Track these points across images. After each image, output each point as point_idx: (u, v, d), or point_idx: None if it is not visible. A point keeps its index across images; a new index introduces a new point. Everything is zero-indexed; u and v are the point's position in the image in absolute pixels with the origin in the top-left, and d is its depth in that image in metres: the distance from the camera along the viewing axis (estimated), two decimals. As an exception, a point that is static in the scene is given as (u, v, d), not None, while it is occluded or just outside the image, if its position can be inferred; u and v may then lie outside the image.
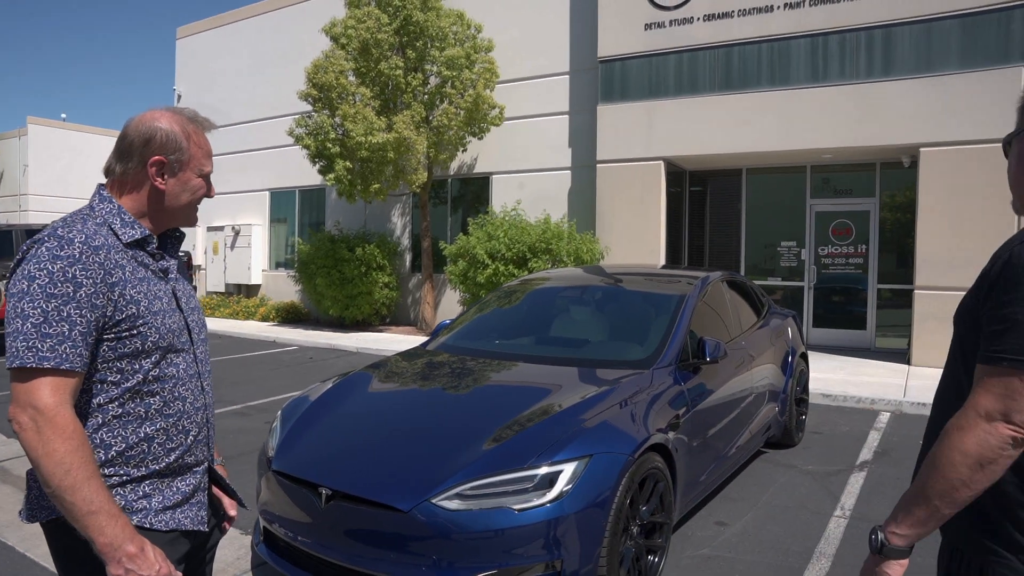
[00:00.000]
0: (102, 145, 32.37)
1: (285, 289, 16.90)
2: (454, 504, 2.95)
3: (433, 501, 2.96)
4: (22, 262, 1.61)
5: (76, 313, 1.57)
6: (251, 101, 17.70)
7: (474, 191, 14.48)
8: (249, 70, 17.87)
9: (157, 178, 1.78)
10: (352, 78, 12.81)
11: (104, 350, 1.65)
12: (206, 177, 1.90)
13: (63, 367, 1.55)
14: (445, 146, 13.03)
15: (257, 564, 3.95)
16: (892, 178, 11.41)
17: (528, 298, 5.50)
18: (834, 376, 9.06)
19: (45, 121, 31.32)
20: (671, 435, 3.72)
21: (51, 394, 1.54)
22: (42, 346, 1.54)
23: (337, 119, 12.48)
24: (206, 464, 1.89)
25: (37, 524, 1.68)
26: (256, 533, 3.73)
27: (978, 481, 1.39)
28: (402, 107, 12.76)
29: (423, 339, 8.56)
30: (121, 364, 1.68)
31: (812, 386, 8.25)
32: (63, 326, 1.55)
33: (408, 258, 15.13)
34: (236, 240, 17.85)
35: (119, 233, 1.72)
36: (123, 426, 1.69)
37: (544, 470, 3.05)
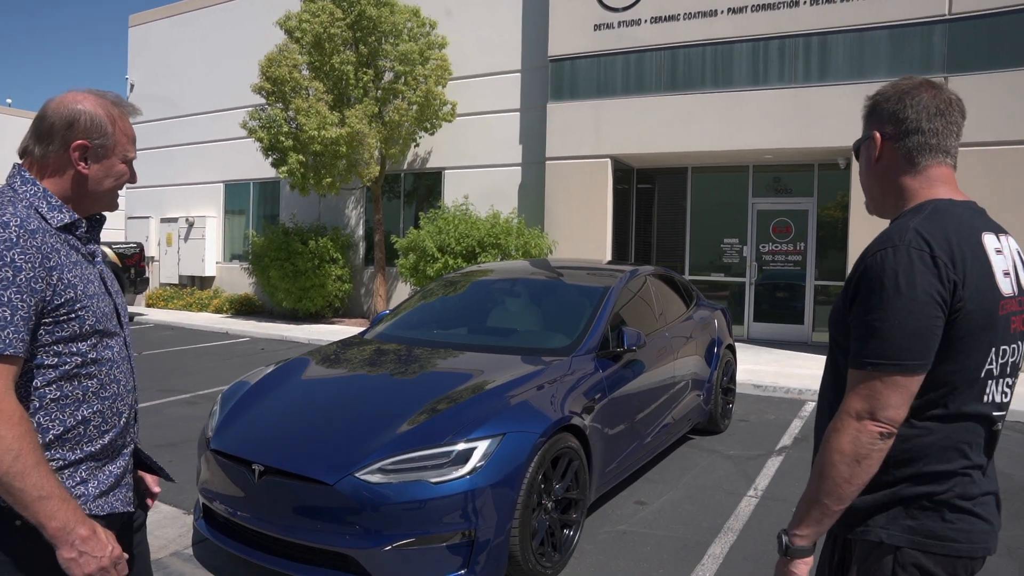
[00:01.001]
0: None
1: (239, 281, 16.91)
2: (376, 477, 3.20)
3: (357, 475, 3.20)
4: None
5: (17, 298, 1.54)
6: (205, 92, 17.63)
7: (427, 185, 14.68)
8: (203, 61, 17.79)
9: (80, 163, 1.73)
10: (305, 72, 12.90)
11: (42, 334, 1.63)
12: (129, 163, 1.84)
13: (6, 353, 1.53)
14: (397, 141, 13.21)
15: (198, 540, 4.15)
16: (829, 179, 11.88)
17: (468, 289, 5.75)
18: (767, 368, 9.48)
19: (-9, 107, 30.68)
20: (586, 418, 4.00)
21: None
22: None
23: (290, 113, 12.58)
24: (132, 446, 1.90)
25: None
26: (196, 511, 3.94)
27: (857, 476, 1.52)
28: (355, 102, 12.89)
29: (371, 330, 8.76)
30: (59, 348, 1.66)
31: (745, 377, 8.64)
32: (4, 311, 1.53)
33: (362, 251, 15.27)
34: (190, 232, 17.79)
35: (47, 217, 1.69)
36: (60, 409, 1.67)
37: (460, 447, 3.31)
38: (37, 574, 1.62)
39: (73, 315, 1.66)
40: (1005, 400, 1.64)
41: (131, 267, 14.57)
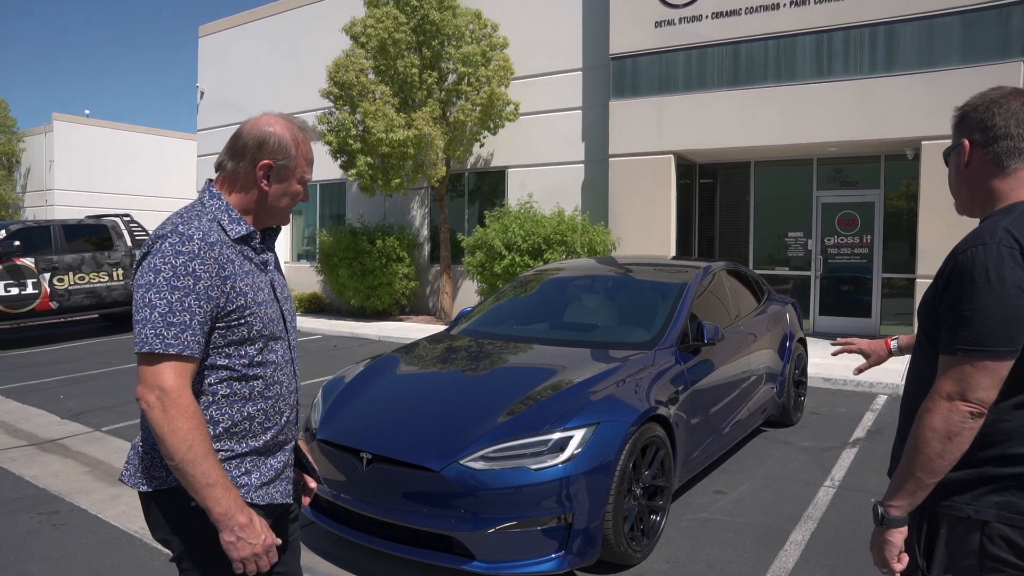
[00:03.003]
0: (124, 140, 33.12)
1: (307, 280, 17.43)
2: (479, 464, 3.41)
3: (461, 462, 3.42)
4: (147, 255, 1.75)
5: (196, 304, 1.72)
6: (273, 98, 18.17)
7: (490, 184, 14.92)
8: (271, 68, 18.36)
9: (263, 180, 1.89)
10: (372, 76, 13.25)
11: (215, 337, 1.80)
12: (304, 183, 1.99)
13: (185, 353, 1.71)
14: (462, 141, 13.47)
15: (303, 525, 4.42)
16: (896, 170, 11.73)
17: (542, 286, 5.95)
18: (836, 361, 9.44)
19: (70, 117, 32.03)
20: (671, 408, 4.16)
21: (175, 377, 1.70)
22: (167, 334, 1.69)
23: (358, 116, 12.93)
24: (293, 443, 2.05)
25: (114, 489, 1.91)
26: (301, 496, 4.21)
27: (949, 452, 1.64)
28: (420, 104, 13.19)
29: (442, 327, 9.03)
30: (229, 350, 1.83)
31: (814, 371, 8.66)
32: (185, 316, 1.71)
33: (427, 249, 15.60)
34: (259, 233, 18.35)
35: (227, 229, 1.85)
36: (229, 405, 1.84)
37: (557, 435, 3.51)
38: (208, 546, 1.81)
39: (243, 320, 1.83)
40: None
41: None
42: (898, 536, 1.75)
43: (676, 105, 11.97)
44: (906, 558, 1.79)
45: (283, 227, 2.33)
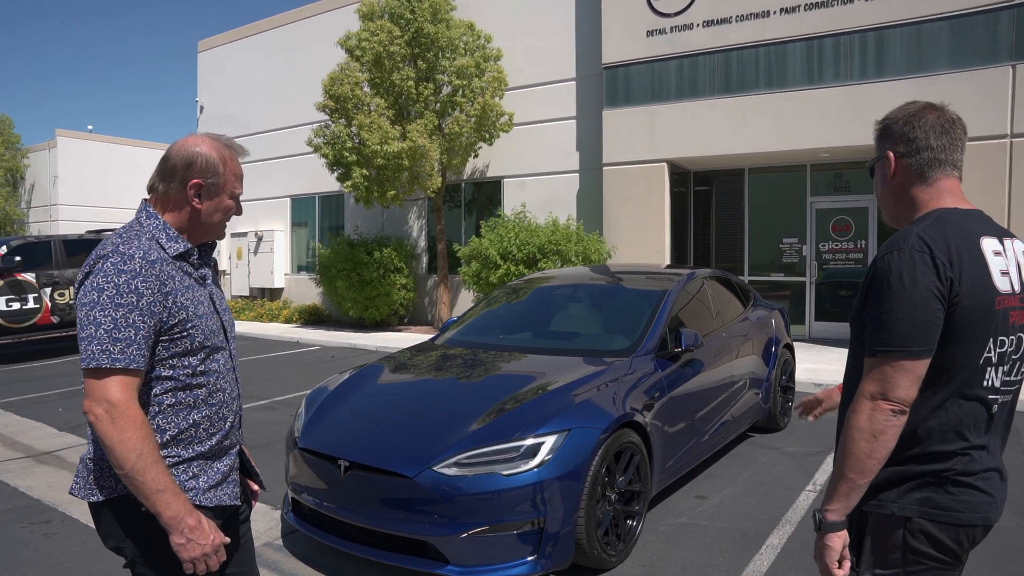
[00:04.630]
0: (127, 155, 33.36)
1: (307, 292, 17.54)
2: (452, 471, 3.48)
3: (435, 468, 3.49)
4: (89, 275, 1.83)
5: (140, 320, 1.81)
6: (271, 111, 18.37)
7: (486, 194, 15.03)
8: (269, 81, 18.54)
9: (195, 199, 1.97)
10: (367, 89, 13.38)
11: (159, 350, 1.88)
12: (236, 198, 2.07)
13: (132, 367, 1.80)
14: (457, 152, 13.58)
15: (287, 532, 4.51)
16: (889, 175, 11.75)
17: (529, 295, 6.02)
18: (828, 367, 9.49)
19: (73, 133, 32.30)
20: (647, 415, 4.22)
21: (122, 390, 1.78)
22: (113, 349, 1.77)
23: (353, 129, 13.06)
24: (238, 447, 2.16)
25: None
26: (285, 504, 4.29)
27: (876, 451, 1.72)
28: (415, 116, 13.31)
29: (437, 337, 9.11)
30: (173, 361, 1.91)
31: (807, 376, 8.71)
32: (130, 331, 1.79)
33: (424, 260, 15.70)
34: (259, 246, 18.53)
35: (166, 247, 1.93)
36: (175, 413, 1.93)
37: (529, 441, 3.58)
38: (159, 548, 1.89)
39: (185, 333, 1.91)
40: (1006, 387, 1.83)
41: (206, 281, 15.26)
42: (837, 541, 1.80)
43: (669, 113, 12.06)
44: (848, 564, 1.83)
45: (224, 240, 2.39)
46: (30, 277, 11.90)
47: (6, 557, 4.27)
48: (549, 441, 3.59)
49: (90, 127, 35.77)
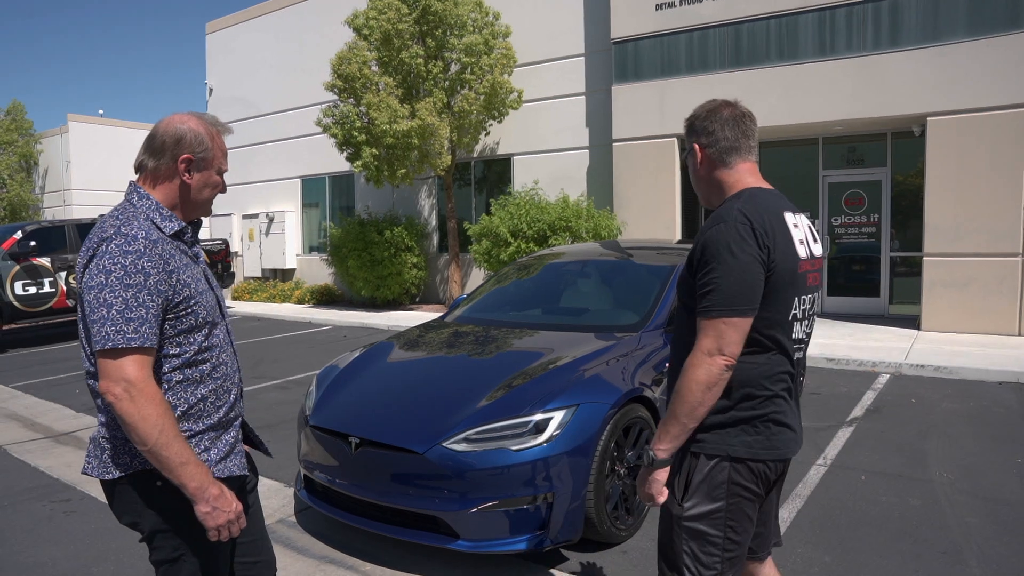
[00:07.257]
0: (138, 138, 33.36)
1: (318, 272, 17.60)
2: (462, 446, 3.51)
3: (444, 444, 3.52)
4: (94, 258, 1.84)
5: (149, 299, 1.83)
6: (280, 92, 18.34)
7: (497, 172, 14.99)
8: (277, 62, 18.50)
9: (185, 173, 2.01)
10: (375, 68, 13.33)
11: (166, 328, 1.91)
12: (222, 175, 2.12)
13: (146, 345, 1.83)
14: (467, 130, 13.53)
15: (300, 509, 4.56)
16: (903, 147, 11.65)
17: (538, 272, 6.02)
18: (841, 342, 9.45)
19: (84, 118, 32.40)
20: (656, 390, 4.23)
21: (138, 369, 1.81)
22: (127, 328, 1.80)
23: (362, 108, 13.03)
24: (240, 418, 2.19)
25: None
26: (298, 482, 4.33)
27: (707, 400, 1.97)
28: (424, 94, 13.26)
29: (448, 315, 9.13)
30: (180, 339, 1.95)
31: (818, 351, 8.68)
32: (141, 311, 1.82)
33: (435, 239, 15.71)
34: (270, 227, 18.59)
35: (161, 226, 1.96)
36: (184, 389, 1.97)
37: (537, 417, 3.59)
38: (178, 520, 1.96)
39: (190, 310, 1.95)
40: (804, 337, 2.17)
41: (218, 263, 15.34)
42: (663, 475, 2.11)
43: (678, 88, 11.95)
44: (666, 492, 2.13)
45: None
46: (45, 261, 12.01)
47: (28, 534, 4.36)
48: (558, 416, 3.60)
49: (101, 111, 35.97)
